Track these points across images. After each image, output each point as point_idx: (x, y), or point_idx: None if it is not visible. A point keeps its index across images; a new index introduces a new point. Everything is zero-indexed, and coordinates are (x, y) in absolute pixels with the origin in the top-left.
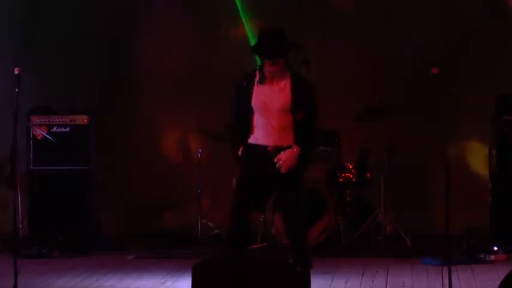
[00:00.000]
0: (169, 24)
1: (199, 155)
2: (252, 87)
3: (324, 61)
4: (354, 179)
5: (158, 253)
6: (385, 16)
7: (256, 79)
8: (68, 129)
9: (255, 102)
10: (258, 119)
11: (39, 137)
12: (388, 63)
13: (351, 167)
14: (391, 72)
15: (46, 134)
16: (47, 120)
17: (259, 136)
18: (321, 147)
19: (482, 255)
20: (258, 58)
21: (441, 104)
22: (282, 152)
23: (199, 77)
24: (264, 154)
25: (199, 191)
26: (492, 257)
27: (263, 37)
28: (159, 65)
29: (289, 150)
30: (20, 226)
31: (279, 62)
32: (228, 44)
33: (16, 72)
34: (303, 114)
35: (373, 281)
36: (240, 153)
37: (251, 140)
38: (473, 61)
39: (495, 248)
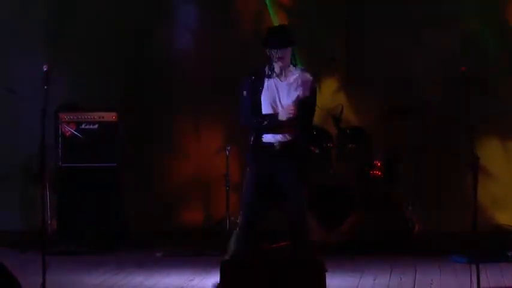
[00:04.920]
0: (198, 22)
1: (227, 152)
2: (261, 82)
3: (352, 59)
4: (382, 177)
5: (186, 251)
6: (415, 15)
7: (265, 74)
8: (96, 126)
9: (264, 97)
10: (265, 114)
11: (67, 134)
12: (417, 61)
13: (379, 164)
14: (421, 70)
15: (74, 131)
16: (75, 117)
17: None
18: (350, 145)
19: (510, 254)
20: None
21: (470, 103)
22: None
23: (227, 76)
24: (271, 152)
25: (227, 188)
26: None
27: (271, 31)
28: (187, 62)
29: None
30: (49, 223)
31: (286, 54)
32: (257, 43)
33: (45, 69)
34: (304, 109)
35: (401, 279)
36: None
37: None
38: (503, 60)
39: None
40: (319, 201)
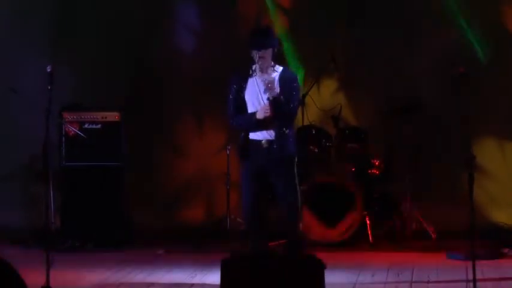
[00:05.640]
0: (200, 24)
1: (228, 152)
2: (245, 81)
3: (352, 59)
4: (380, 176)
5: (188, 248)
6: (413, 16)
7: (249, 74)
8: (99, 125)
9: (247, 95)
10: (250, 111)
11: (71, 134)
12: (415, 62)
13: (377, 163)
14: (419, 71)
15: (78, 130)
16: (79, 117)
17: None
18: (349, 145)
19: (506, 251)
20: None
21: (467, 102)
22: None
23: (228, 76)
24: (259, 150)
25: (228, 186)
26: None
27: (253, 32)
28: (188, 63)
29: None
30: (52, 221)
31: (266, 53)
32: None
33: (48, 70)
34: (284, 106)
35: (398, 275)
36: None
37: (250, 134)
38: (500, 61)
39: None
40: (318, 199)
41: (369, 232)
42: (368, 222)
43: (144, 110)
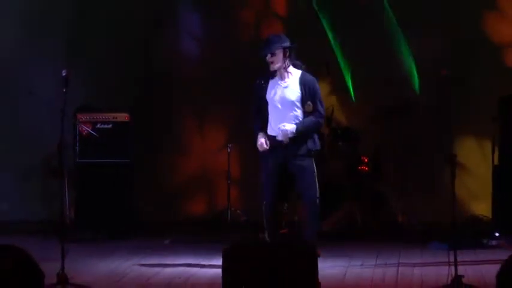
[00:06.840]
0: (201, 24)
1: (228, 150)
2: (266, 83)
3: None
4: (369, 172)
5: (192, 238)
6: (399, 19)
7: (269, 77)
8: (110, 125)
9: (268, 96)
10: (271, 112)
11: (84, 133)
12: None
13: (366, 160)
14: (405, 72)
15: (91, 130)
16: (91, 117)
17: (273, 127)
18: (340, 143)
19: (485, 241)
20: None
21: (450, 103)
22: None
23: (234, 77)
24: (279, 145)
25: (229, 182)
26: (494, 242)
27: (264, 40)
28: (191, 66)
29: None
30: (67, 213)
31: (275, 58)
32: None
33: (64, 74)
34: (310, 107)
35: (386, 264)
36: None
37: (269, 131)
38: (479, 64)
39: (496, 234)
40: None
41: (359, 224)
42: (358, 214)
43: (152, 111)
